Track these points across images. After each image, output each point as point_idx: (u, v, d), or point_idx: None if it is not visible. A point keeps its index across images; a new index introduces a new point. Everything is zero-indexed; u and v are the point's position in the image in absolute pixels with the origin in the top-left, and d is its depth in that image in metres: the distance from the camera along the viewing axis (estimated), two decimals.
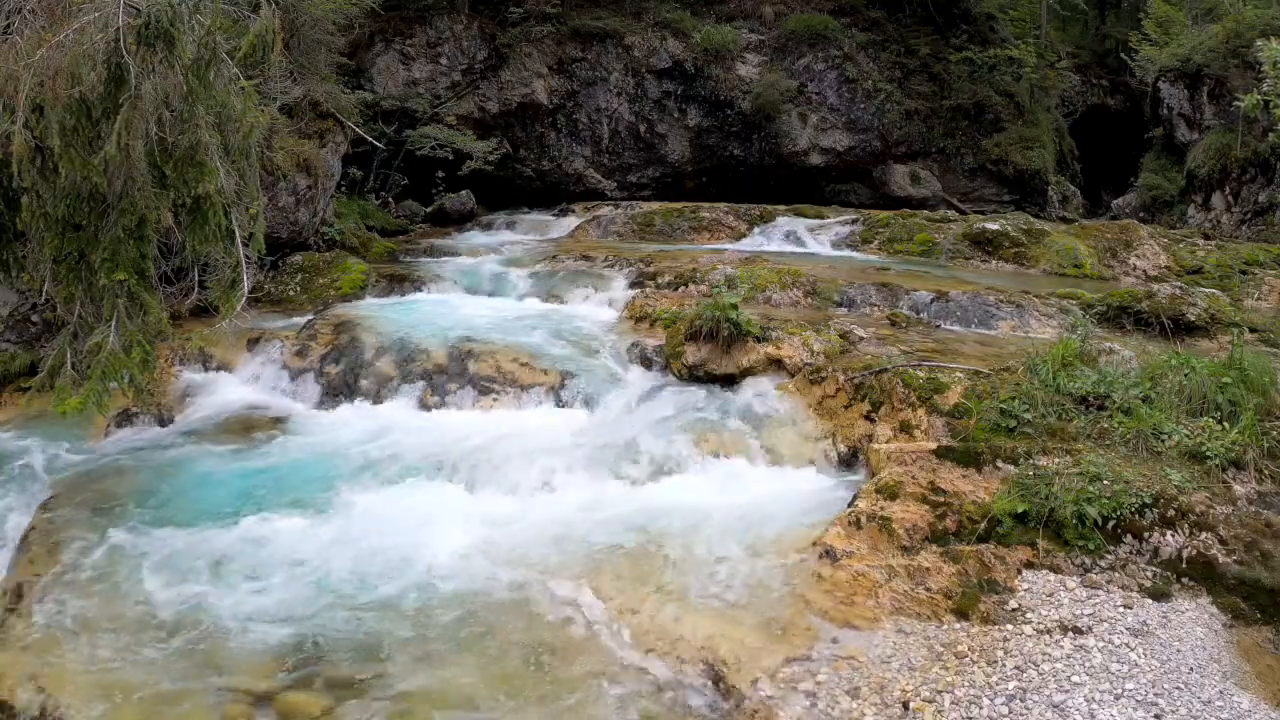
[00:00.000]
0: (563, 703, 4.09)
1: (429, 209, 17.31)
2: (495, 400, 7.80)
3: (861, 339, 7.89)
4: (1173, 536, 4.82)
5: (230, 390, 8.25)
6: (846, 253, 13.65)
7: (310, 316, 9.55)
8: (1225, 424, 5.52)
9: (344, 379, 8.24)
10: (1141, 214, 19.46)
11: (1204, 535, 4.79)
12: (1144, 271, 12.32)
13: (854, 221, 14.84)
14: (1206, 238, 15.25)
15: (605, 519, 5.84)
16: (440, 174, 17.08)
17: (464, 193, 17.52)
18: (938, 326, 9.04)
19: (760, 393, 7.35)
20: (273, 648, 4.50)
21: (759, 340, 7.69)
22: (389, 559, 5.30)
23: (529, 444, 6.90)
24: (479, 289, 11.20)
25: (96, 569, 5.16)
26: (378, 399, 8.00)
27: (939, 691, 3.96)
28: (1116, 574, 4.73)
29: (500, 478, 6.47)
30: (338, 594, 4.95)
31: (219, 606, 4.84)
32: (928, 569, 4.79)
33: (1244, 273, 11.83)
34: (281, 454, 6.96)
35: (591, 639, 4.58)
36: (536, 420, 7.48)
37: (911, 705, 3.89)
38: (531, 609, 4.83)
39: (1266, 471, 5.20)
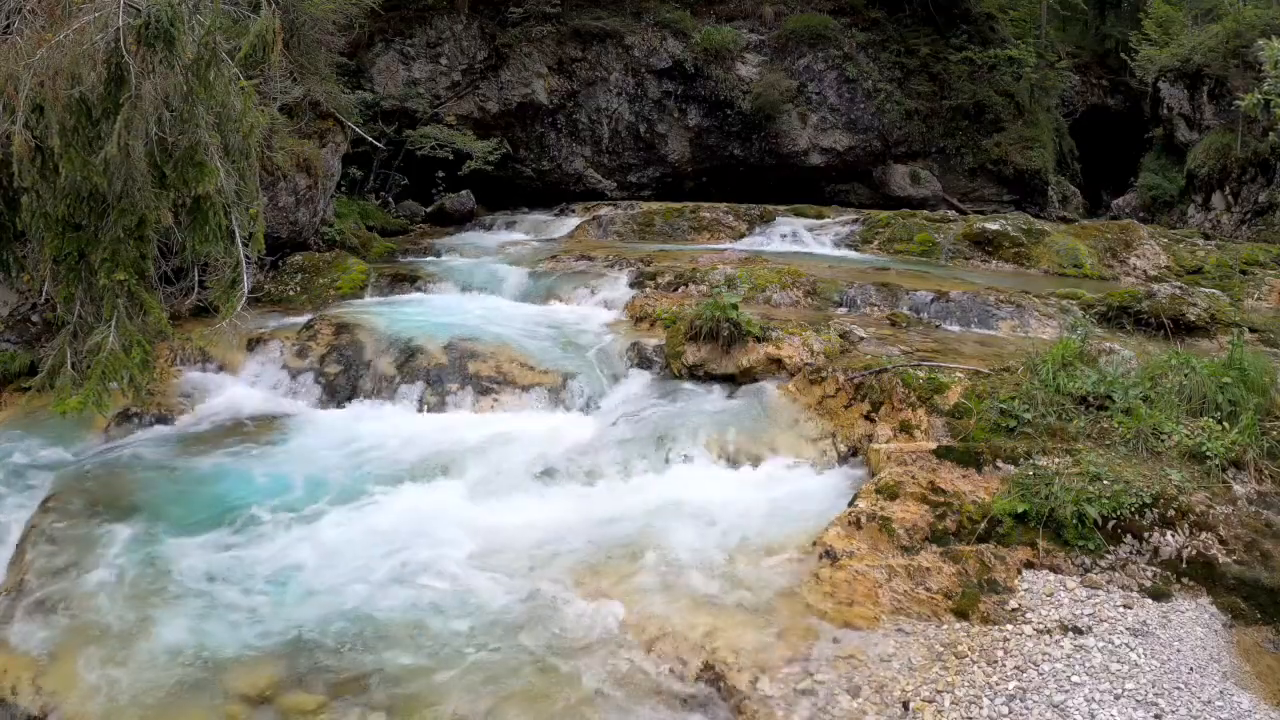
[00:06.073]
0: (560, 702, 4.09)
1: (429, 209, 17.31)
2: (495, 400, 7.80)
3: (861, 339, 7.90)
4: (1173, 536, 4.82)
5: (230, 390, 8.23)
6: (846, 253, 13.65)
7: (310, 316, 9.53)
8: (1225, 424, 5.52)
9: (344, 379, 8.24)
10: (1141, 214, 19.49)
11: (1204, 535, 4.79)
12: (1144, 271, 12.32)
13: (854, 221, 14.85)
14: (1206, 238, 15.27)
15: (604, 519, 5.84)
16: (440, 174, 17.08)
17: (464, 193, 17.51)
18: (938, 326, 9.04)
19: (760, 393, 7.35)
20: (272, 649, 4.49)
21: (759, 340, 7.69)
22: (389, 560, 5.30)
23: (529, 444, 6.89)
24: (479, 289, 11.18)
25: (95, 569, 5.15)
26: (378, 399, 8.00)
27: (939, 691, 3.96)
28: (1116, 574, 4.73)
29: (500, 478, 6.46)
30: (337, 595, 4.94)
31: (218, 606, 4.84)
32: (928, 569, 4.79)
33: (1244, 273, 11.85)
34: (281, 454, 6.96)
35: (589, 638, 4.57)
36: (536, 421, 7.47)
37: (911, 705, 3.89)
38: (530, 609, 4.83)
39: (1266, 471, 5.20)
